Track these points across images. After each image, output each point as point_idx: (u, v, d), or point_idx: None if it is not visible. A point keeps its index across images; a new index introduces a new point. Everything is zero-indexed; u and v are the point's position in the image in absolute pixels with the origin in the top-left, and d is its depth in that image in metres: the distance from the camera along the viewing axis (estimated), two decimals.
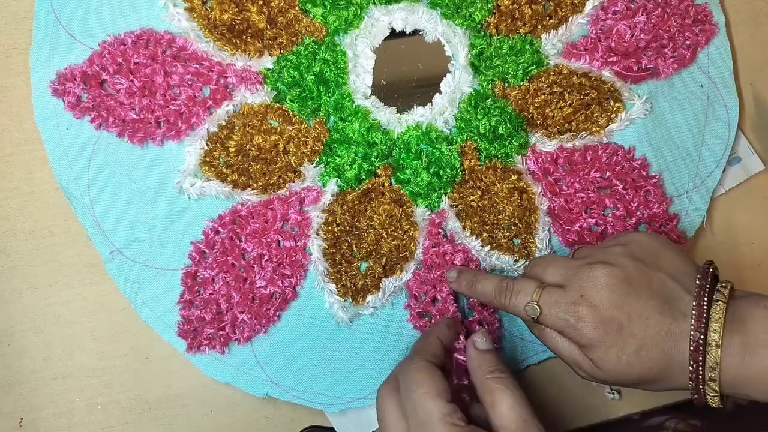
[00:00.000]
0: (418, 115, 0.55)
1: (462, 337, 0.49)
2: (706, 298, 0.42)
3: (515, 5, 0.56)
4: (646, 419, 0.59)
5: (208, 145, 0.53)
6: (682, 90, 0.58)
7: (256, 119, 0.54)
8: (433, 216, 0.55)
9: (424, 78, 0.57)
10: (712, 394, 0.42)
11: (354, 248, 0.54)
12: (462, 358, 0.48)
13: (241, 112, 0.54)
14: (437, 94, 0.56)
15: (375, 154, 0.54)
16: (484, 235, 0.54)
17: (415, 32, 0.57)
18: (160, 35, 0.54)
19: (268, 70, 0.55)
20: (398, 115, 0.55)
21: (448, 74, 0.56)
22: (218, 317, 0.52)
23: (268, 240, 0.53)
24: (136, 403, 0.53)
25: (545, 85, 0.56)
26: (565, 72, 0.56)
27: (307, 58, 0.55)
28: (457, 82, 0.56)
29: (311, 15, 0.55)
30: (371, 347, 0.54)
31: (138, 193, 0.54)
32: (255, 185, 0.53)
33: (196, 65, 0.54)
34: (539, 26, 0.57)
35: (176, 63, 0.54)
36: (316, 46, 0.55)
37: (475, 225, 0.54)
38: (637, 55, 0.57)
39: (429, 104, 0.56)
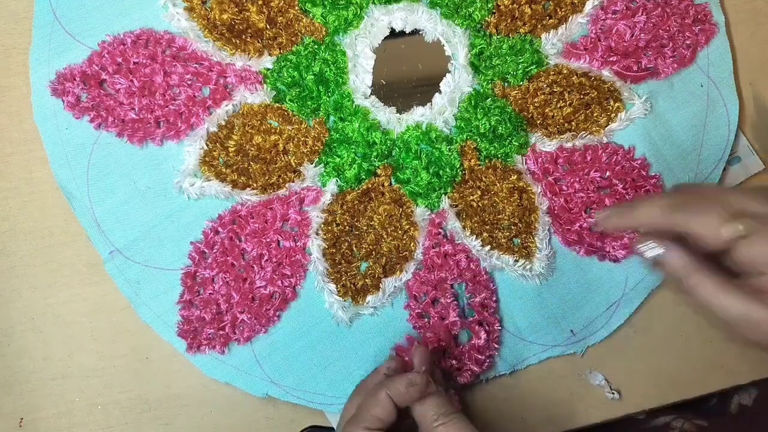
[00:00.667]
0: (418, 114, 0.55)
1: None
2: None
3: (515, 5, 0.56)
4: (652, 419, 0.59)
5: (207, 145, 0.53)
6: (682, 90, 0.58)
7: (256, 119, 0.54)
8: (433, 216, 0.55)
9: (424, 78, 0.57)
10: None
11: (354, 248, 0.54)
12: None
13: (240, 111, 0.54)
14: (437, 94, 0.56)
15: (375, 153, 0.54)
16: (484, 234, 0.54)
17: (415, 32, 0.57)
18: (159, 35, 0.54)
19: (268, 69, 0.55)
20: (398, 114, 0.55)
21: (447, 74, 0.56)
22: (218, 317, 0.52)
23: (268, 240, 0.53)
24: (136, 403, 0.53)
25: (545, 85, 0.56)
26: (565, 72, 0.56)
27: (306, 58, 0.55)
28: (457, 82, 0.56)
29: (311, 15, 0.55)
30: (371, 347, 0.54)
31: (138, 193, 0.54)
32: (255, 185, 0.53)
33: (196, 65, 0.54)
34: (539, 26, 0.57)
35: (176, 63, 0.53)
36: (316, 46, 0.55)
37: (475, 225, 0.54)
38: (637, 54, 0.57)
39: (429, 104, 0.56)
